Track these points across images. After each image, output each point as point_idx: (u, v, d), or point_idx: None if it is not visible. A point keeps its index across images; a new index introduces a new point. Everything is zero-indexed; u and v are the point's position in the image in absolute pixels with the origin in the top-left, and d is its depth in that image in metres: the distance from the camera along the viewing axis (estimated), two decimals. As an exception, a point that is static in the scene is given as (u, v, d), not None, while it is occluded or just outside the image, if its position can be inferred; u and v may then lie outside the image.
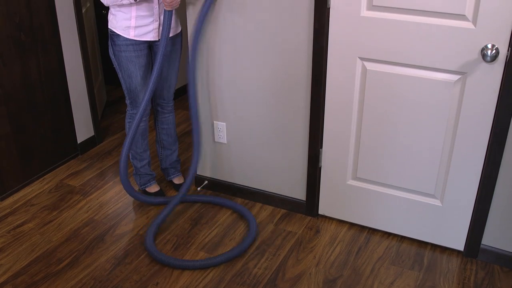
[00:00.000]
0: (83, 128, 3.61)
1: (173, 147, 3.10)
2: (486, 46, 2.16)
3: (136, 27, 2.61)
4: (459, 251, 2.63)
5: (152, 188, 3.09)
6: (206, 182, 3.14)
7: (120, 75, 2.74)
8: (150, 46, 2.73)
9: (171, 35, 2.70)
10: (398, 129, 2.49)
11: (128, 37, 2.62)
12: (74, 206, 3.03)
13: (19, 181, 3.18)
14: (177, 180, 3.19)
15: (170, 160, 3.14)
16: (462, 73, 2.26)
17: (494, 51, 2.14)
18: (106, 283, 2.45)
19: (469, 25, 2.17)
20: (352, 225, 2.83)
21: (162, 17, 2.60)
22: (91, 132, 3.69)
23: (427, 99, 2.37)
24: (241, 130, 2.89)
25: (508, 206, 2.41)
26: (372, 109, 2.51)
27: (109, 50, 2.71)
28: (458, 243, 2.60)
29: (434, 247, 2.66)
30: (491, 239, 2.52)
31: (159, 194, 3.07)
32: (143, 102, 2.63)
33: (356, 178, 2.71)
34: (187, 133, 3.91)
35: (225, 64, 2.75)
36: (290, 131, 2.76)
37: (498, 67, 2.18)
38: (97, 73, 4.04)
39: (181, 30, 2.81)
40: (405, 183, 2.60)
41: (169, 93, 2.92)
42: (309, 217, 2.91)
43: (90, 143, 3.68)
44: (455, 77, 2.29)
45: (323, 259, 2.59)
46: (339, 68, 2.50)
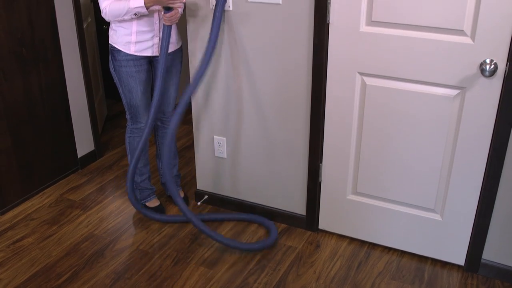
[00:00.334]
0: (84, 142, 3.61)
1: (173, 162, 3.11)
2: (484, 61, 2.17)
3: (136, 42, 2.63)
4: (459, 266, 2.62)
5: (152, 203, 3.09)
6: (206, 196, 3.14)
7: (120, 90, 2.75)
8: (151, 61, 2.75)
9: (172, 50, 2.72)
10: (398, 143, 2.49)
11: (128, 52, 2.63)
12: (74, 221, 3.02)
13: (19, 195, 3.18)
14: (177, 195, 3.19)
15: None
16: (461, 88, 2.27)
17: (492, 66, 2.15)
18: (106, 298, 2.45)
19: (467, 40, 2.18)
20: (352, 239, 2.83)
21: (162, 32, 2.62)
22: (91, 147, 3.69)
23: (426, 113, 2.38)
24: (241, 145, 2.90)
25: (508, 220, 2.41)
26: (372, 123, 2.52)
27: (110, 65, 2.73)
28: (459, 257, 2.59)
29: (435, 261, 2.66)
30: (491, 253, 2.51)
31: (159, 209, 3.06)
32: (149, 120, 2.65)
33: (356, 193, 2.71)
34: (187, 147, 3.91)
35: (225, 79, 2.77)
36: (290, 145, 2.76)
37: (497, 81, 2.19)
38: (97, 87, 4.06)
39: (181, 45, 2.83)
40: (405, 197, 2.60)
41: (169, 108, 2.93)
42: (309, 232, 2.90)
43: (90, 157, 3.69)
44: (454, 92, 2.30)
45: (323, 274, 2.58)
46: (339, 83, 2.51)
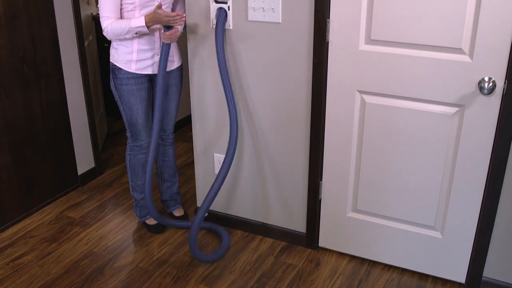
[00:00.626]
0: (84, 159, 3.62)
1: (173, 179, 3.11)
2: (483, 79, 2.18)
3: (137, 60, 2.64)
4: (460, 284, 2.61)
5: (152, 221, 3.08)
6: (206, 214, 3.13)
7: (121, 108, 2.76)
8: (151, 79, 2.77)
9: (172, 68, 2.74)
10: (398, 161, 2.50)
11: (129, 70, 2.65)
12: (73, 238, 3.01)
13: (18, 212, 3.17)
14: (177, 212, 3.18)
15: (171, 192, 3.14)
16: (460, 105, 2.28)
17: (491, 84, 2.17)
18: (105, 317, 2.43)
19: (466, 58, 2.20)
20: (353, 257, 2.82)
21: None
22: (91, 164, 3.70)
23: (425, 131, 2.39)
24: (240, 162, 2.90)
25: (508, 237, 2.41)
26: (371, 141, 2.53)
27: (111, 83, 2.74)
28: (459, 275, 2.58)
29: (435, 279, 2.65)
30: (492, 271, 2.50)
31: (159, 227, 3.06)
32: (152, 141, 2.66)
33: (356, 210, 2.71)
34: (187, 165, 3.92)
35: (225, 97, 2.78)
36: (290, 163, 2.77)
37: (495, 99, 2.21)
38: (98, 105, 4.07)
39: (181, 64, 2.85)
40: (405, 215, 2.59)
41: (170, 126, 2.94)
42: (309, 250, 2.89)
43: (90, 174, 3.69)
44: (453, 109, 2.31)
45: (323, 292, 2.58)
46: (338, 101, 2.52)
